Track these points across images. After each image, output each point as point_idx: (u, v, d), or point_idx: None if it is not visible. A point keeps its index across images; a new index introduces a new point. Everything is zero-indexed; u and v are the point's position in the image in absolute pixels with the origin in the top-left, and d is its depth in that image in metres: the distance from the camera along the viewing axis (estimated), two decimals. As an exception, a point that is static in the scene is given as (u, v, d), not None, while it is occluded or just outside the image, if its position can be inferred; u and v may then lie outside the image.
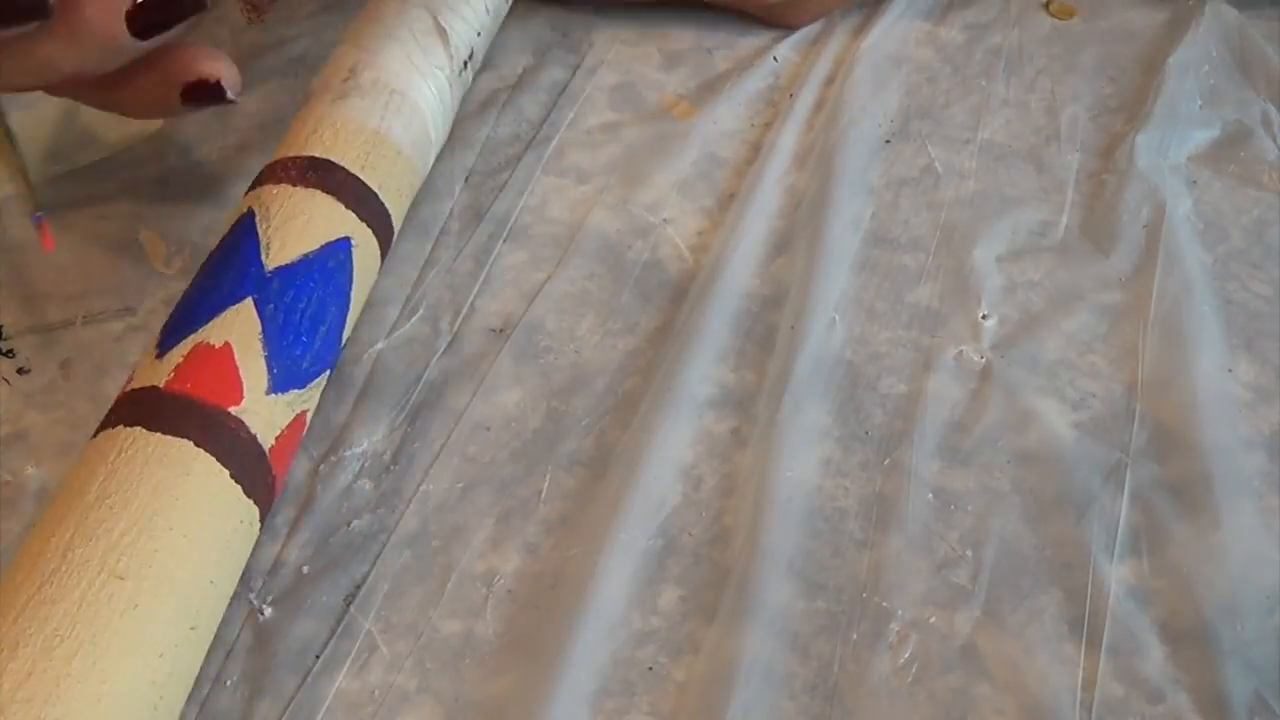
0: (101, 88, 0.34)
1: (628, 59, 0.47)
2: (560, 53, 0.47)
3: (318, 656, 0.30)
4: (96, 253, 0.39)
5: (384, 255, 0.36)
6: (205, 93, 0.33)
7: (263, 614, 0.31)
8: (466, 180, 0.42)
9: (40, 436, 0.35)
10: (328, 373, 0.32)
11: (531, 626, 0.31)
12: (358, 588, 0.32)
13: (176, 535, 0.27)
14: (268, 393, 0.30)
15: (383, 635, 0.31)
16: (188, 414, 0.28)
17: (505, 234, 0.40)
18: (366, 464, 0.34)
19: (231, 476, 0.28)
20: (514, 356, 0.37)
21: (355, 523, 0.33)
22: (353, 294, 0.33)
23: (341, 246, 0.33)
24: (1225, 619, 0.30)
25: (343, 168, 0.34)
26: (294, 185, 0.33)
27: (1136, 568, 0.32)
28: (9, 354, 0.37)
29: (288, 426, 0.30)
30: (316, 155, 0.34)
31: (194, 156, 0.42)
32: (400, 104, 0.37)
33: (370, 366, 0.36)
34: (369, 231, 0.34)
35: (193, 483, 0.27)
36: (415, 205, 0.41)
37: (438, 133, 0.39)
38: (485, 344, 0.37)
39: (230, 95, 0.33)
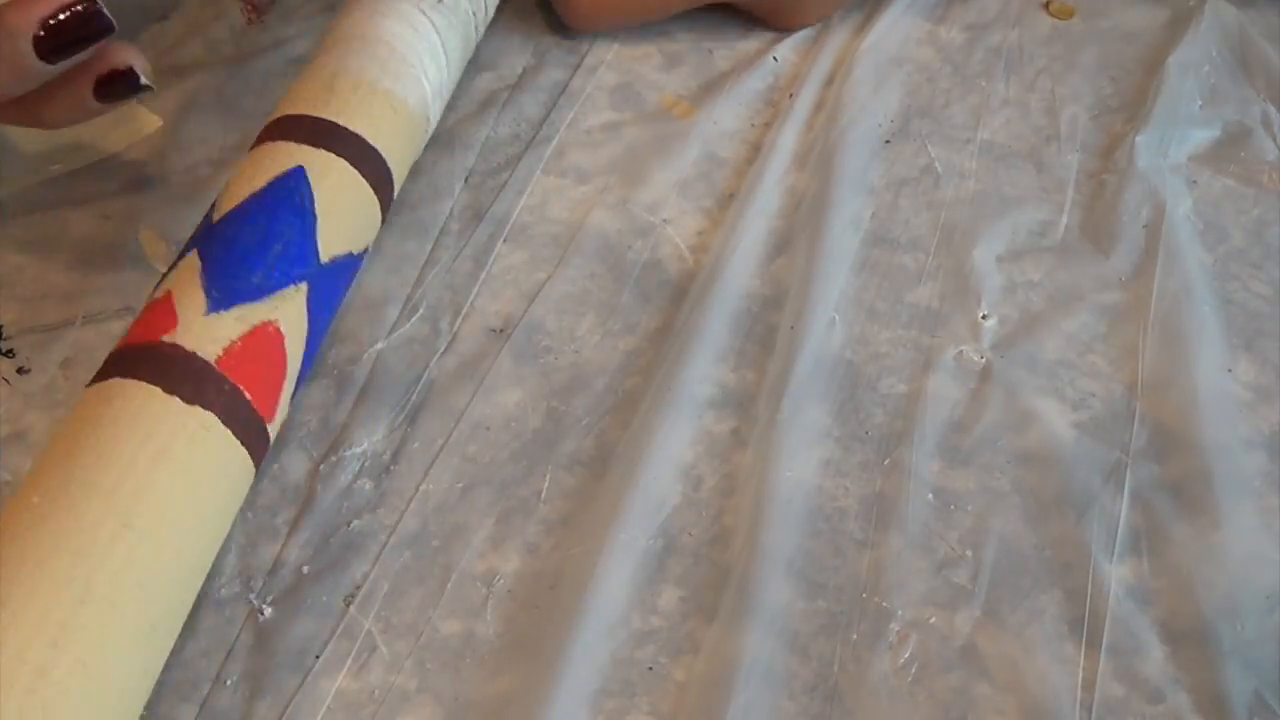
0: (16, 106, 0.34)
1: (628, 59, 0.47)
2: (560, 53, 0.47)
3: (318, 656, 0.30)
4: (96, 252, 0.39)
5: (377, 175, 0.36)
6: (120, 83, 0.33)
7: (263, 614, 0.31)
8: (466, 180, 0.42)
9: (40, 436, 0.35)
10: (303, 285, 0.32)
11: (531, 626, 0.31)
12: (358, 588, 0.32)
13: (89, 456, 0.27)
14: (207, 313, 0.30)
15: (383, 635, 0.31)
16: (120, 358, 0.29)
17: (505, 234, 0.40)
18: (366, 464, 0.34)
19: (165, 390, 0.28)
20: (514, 356, 0.37)
21: (355, 523, 0.33)
22: (318, 208, 0.33)
23: (292, 174, 0.33)
24: (1225, 619, 0.30)
25: (295, 114, 0.35)
26: (251, 150, 0.35)
27: (1136, 568, 0.32)
28: (9, 354, 0.37)
29: (241, 337, 0.30)
30: (275, 118, 0.35)
31: (194, 156, 0.42)
32: (360, 46, 0.37)
33: (370, 366, 0.36)
34: (330, 155, 0.34)
35: (115, 407, 0.28)
36: (415, 205, 0.41)
37: (422, 58, 0.38)
38: (485, 344, 0.37)
39: (145, 80, 0.34)
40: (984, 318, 0.38)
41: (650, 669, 0.30)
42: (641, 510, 0.33)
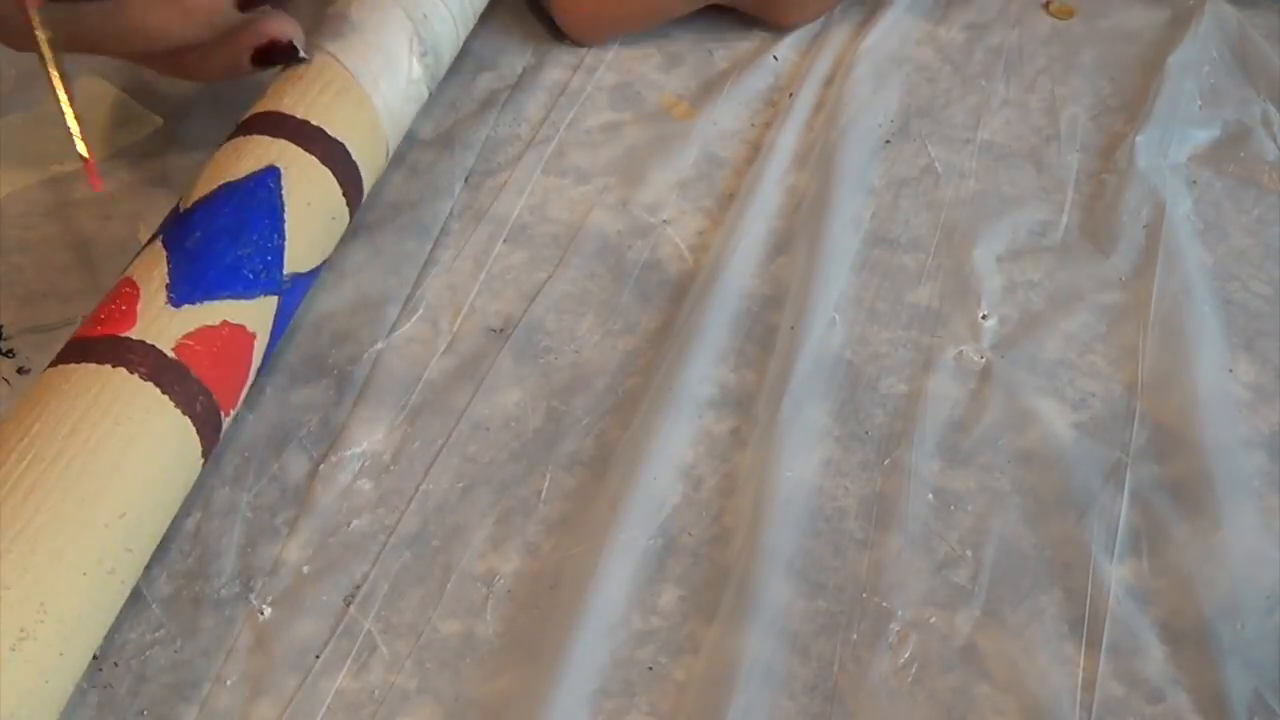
0: (172, 58, 0.36)
1: (628, 59, 0.47)
2: (560, 53, 0.47)
3: (318, 656, 0.30)
4: (96, 252, 0.39)
5: (350, 185, 0.36)
6: (278, 53, 0.36)
7: (263, 614, 0.31)
8: (466, 180, 0.42)
9: (40, 436, 0.35)
10: (272, 296, 0.33)
11: (531, 626, 0.31)
12: (358, 588, 0.32)
13: (49, 423, 0.28)
14: (167, 307, 0.31)
15: (383, 635, 0.31)
16: (77, 348, 0.30)
17: (505, 234, 0.40)
18: (366, 464, 0.34)
19: (127, 371, 0.29)
20: (514, 356, 0.37)
21: (355, 523, 0.33)
22: (288, 213, 0.34)
23: (267, 173, 0.34)
24: (1225, 619, 0.30)
25: (278, 111, 0.35)
26: (227, 140, 0.36)
27: (1136, 568, 0.32)
28: (9, 354, 0.37)
29: (200, 330, 0.31)
30: (255, 112, 0.36)
31: (194, 156, 0.42)
32: (354, 43, 0.38)
33: (370, 366, 0.36)
34: (307, 156, 0.35)
35: (72, 383, 0.29)
36: (415, 205, 0.41)
37: (413, 68, 0.39)
38: (485, 344, 0.37)
39: (302, 54, 0.36)
40: (984, 318, 0.38)
41: (650, 669, 0.30)
42: (641, 510, 0.33)
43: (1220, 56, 0.46)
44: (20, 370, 0.36)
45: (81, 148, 0.31)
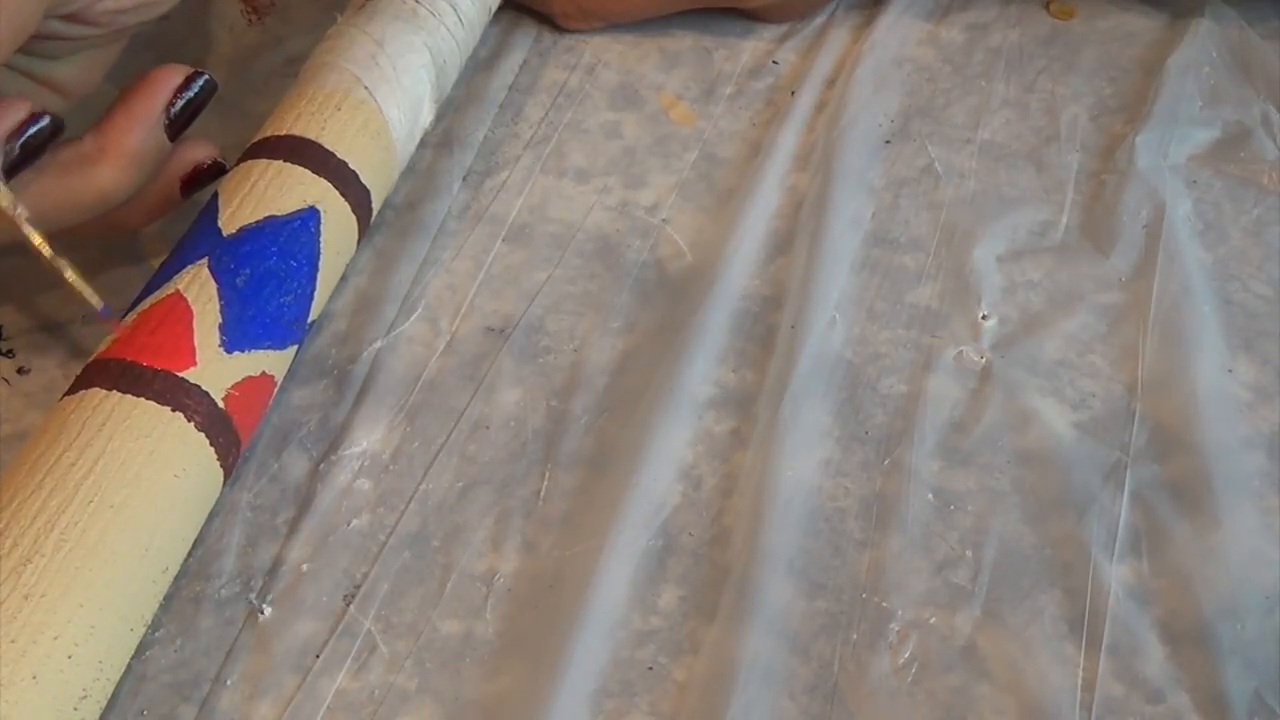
0: (100, 219, 0.34)
1: (627, 59, 0.47)
2: (560, 53, 0.47)
3: (318, 656, 0.30)
4: (96, 253, 0.39)
5: (363, 209, 0.36)
6: (207, 175, 0.36)
7: (263, 614, 0.31)
8: (465, 180, 0.42)
9: (40, 436, 0.35)
10: (296, 346, 0.33)
11: (531, 626, 0.31)
12: (357, 587, 0.32)
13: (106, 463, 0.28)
14: (220, 350, 0.31)
15: (383, 635, 0.31)
16: (134, 375, 0.30)
17: (504, 233, 0.40)
18: (366, 464, 0.34)
19: (185, 418, 0.29)
20: (514, 356, 0.37)
21: (355, 522, 0.33)
22: (322, 258, 0.34)
23: (309, 215, 0.33)
24: (1225, 619, 0.30)
25: (314, 141, 0.35)
26: (254, 152, 0.35)
27: (1136, 568, 0.32)
28: (9, 354, 0.37)
29: (245, 380, 0.31)
30: (282, 133, 0.36)
31: (194, 156, 0.42)
32: (371, 65, 0.37)
33: (369, 366, 0.36)
34: (342, 202, 0.34)
35: (134, 426, 0.29)
36: (413, 205, 0.41)
37: (422, 105, 0.39)
38: (485, 344, 0.37)
39: (226, 166, 0.36)
40: (984, 318, 0.38)
41: (650, 669, 0.30)
42: (641, 510, 0.33)
43: (1220, 57, 0.46)
44: (20, 370, 0.36)
45: (96, 300, 0.31)
